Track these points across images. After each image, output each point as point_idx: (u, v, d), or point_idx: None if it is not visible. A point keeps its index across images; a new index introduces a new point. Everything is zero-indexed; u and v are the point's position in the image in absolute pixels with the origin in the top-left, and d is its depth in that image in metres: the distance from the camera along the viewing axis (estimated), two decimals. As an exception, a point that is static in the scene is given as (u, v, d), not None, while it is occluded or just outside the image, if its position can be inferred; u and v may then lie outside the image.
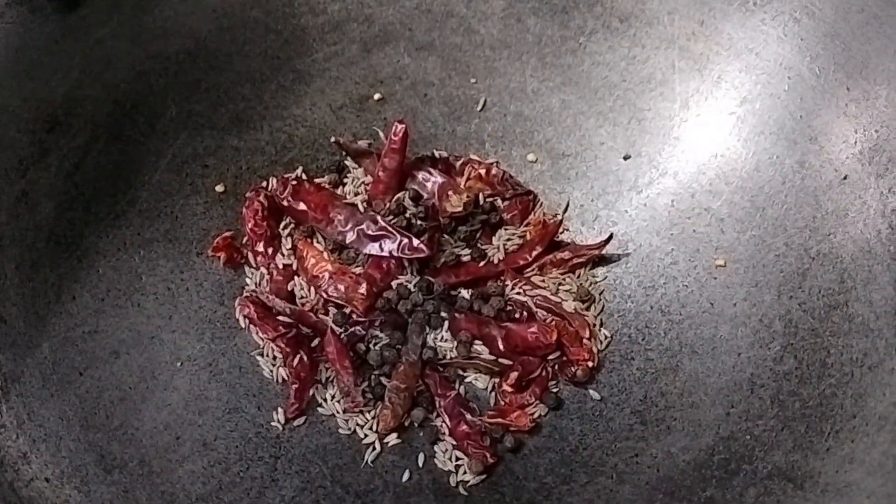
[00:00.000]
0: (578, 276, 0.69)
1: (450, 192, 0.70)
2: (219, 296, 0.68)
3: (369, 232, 0.67)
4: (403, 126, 0.69)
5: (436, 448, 0.63)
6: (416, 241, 0.66)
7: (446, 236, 0.70)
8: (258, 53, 0.73)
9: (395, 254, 0.67)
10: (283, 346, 0.65)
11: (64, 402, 0.61)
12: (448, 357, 0.65)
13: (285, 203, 0.70)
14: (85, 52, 0.68)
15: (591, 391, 0.65)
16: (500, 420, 0.63)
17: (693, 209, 0.68)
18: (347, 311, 0.66)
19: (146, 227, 0.68)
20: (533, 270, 0.69)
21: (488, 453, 0.61)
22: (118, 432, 0.61)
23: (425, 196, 0.71)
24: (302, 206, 0.70)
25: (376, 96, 0.75)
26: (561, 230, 0.71)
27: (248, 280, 0.69)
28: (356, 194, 0.72)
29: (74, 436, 0.60)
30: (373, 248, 0.67)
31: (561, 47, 0.73)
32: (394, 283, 0.67)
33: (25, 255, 0.64)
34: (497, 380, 0.65)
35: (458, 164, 0.73)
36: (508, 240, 0.71)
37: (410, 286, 0.67)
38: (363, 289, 0.66)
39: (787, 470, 0.56)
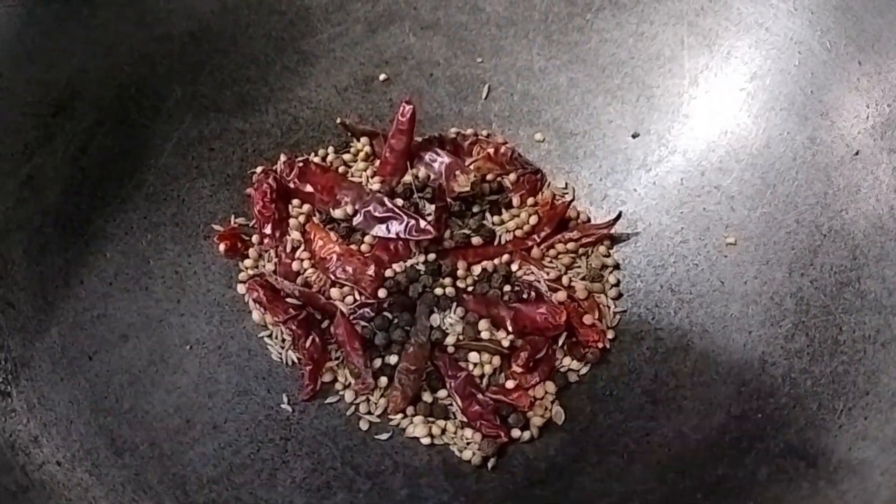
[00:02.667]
0: (588, 256, 0.69)
1: (457, 172, 0.70)
2: (227, 279, 0.68)
3: (376, 214, 0.67)
4: (411, 107, 0.68)
5: (446, 427, 0.63)
6: (423, 223, 0.66)
7: (454, 218, 0.69)
8: (262, 35, 0.73)
9: (402, 235, 0.66)
10: (294, 328, 0.65)
11: (74, 385, 0.61)
12: (457, 338, 0.65)
13: (292, 185, 0.70)
14: (88, 35, 0.68)
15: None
16: (502, 398, 0.63)
17: (703, 187, 0.68)
18: (356, 292, 0.66)
19: (153, 211, 0.68)
20: (542, 251, 0.69)
21: (502, 432, 0.61)
22: (128, 415, 0.61)
23: (433, 176, 0.70)
24: (309, 188, 0.70)
25: (382, 77, 0.74)
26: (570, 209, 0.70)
27: (247, 262, 0.69)
28: (363, 175, 0.72)
29: (85, 419, 0.60)
30: (380, 230, 0.67)
31: (568, 24, 0.73)
32: (402, 265, 0.67)
33: (33, 240, 0.63)
34: (505, 360, 0.65)
35: (466, 143, 0.72)
36: (517, 219, 0.70)
37: (419, 267, 0.67)
38: (371, 270, 0.66)
39: (800, 448, 0.56)
